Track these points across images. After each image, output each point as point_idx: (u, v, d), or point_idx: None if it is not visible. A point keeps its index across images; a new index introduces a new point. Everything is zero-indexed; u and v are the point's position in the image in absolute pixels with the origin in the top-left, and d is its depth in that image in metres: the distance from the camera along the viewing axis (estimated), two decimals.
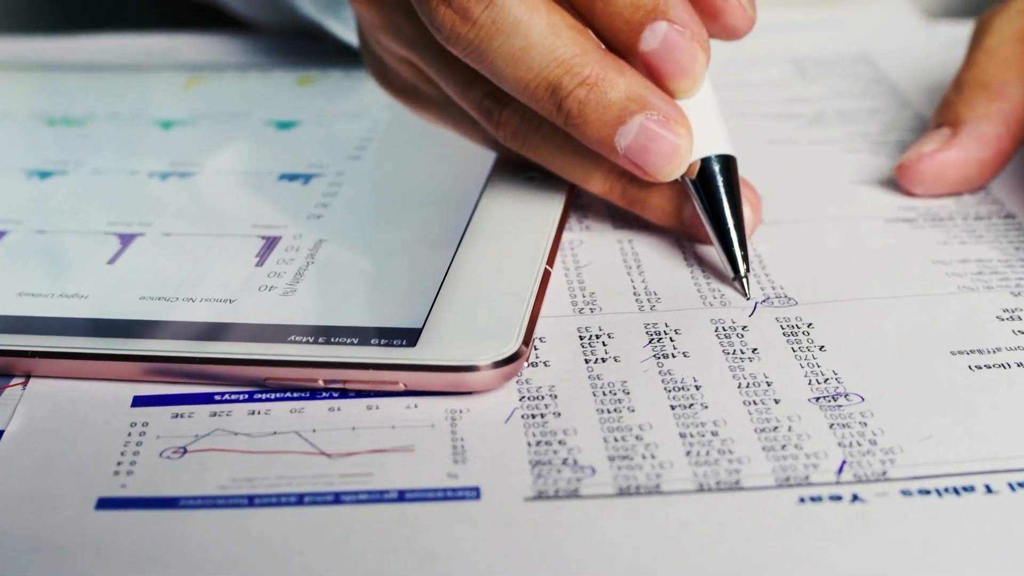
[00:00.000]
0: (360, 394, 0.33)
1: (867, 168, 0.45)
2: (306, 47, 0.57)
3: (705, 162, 0.37)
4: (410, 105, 0.44)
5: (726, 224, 0.37)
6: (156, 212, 0.41)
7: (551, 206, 0.40)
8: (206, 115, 0.50)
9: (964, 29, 0.49)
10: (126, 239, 0.40)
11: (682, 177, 0.37)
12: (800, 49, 0.57)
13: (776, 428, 0.32)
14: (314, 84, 0.53)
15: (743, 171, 0.45)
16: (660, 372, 0.34)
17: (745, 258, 0.37)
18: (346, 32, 0.54)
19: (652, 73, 0.36)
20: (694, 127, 0.36)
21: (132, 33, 0.61)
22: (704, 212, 0.38)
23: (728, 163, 0.38)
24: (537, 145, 0.39)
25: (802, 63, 0.55)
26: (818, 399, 0.33)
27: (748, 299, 0.37)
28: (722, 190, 0.37)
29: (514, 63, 0.35)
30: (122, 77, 0.55)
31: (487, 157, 0.43)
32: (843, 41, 0.57)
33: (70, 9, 0.76)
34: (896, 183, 0.43)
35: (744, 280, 0.37)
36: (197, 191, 0.43)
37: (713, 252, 0.39)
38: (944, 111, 0.43)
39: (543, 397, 0.33)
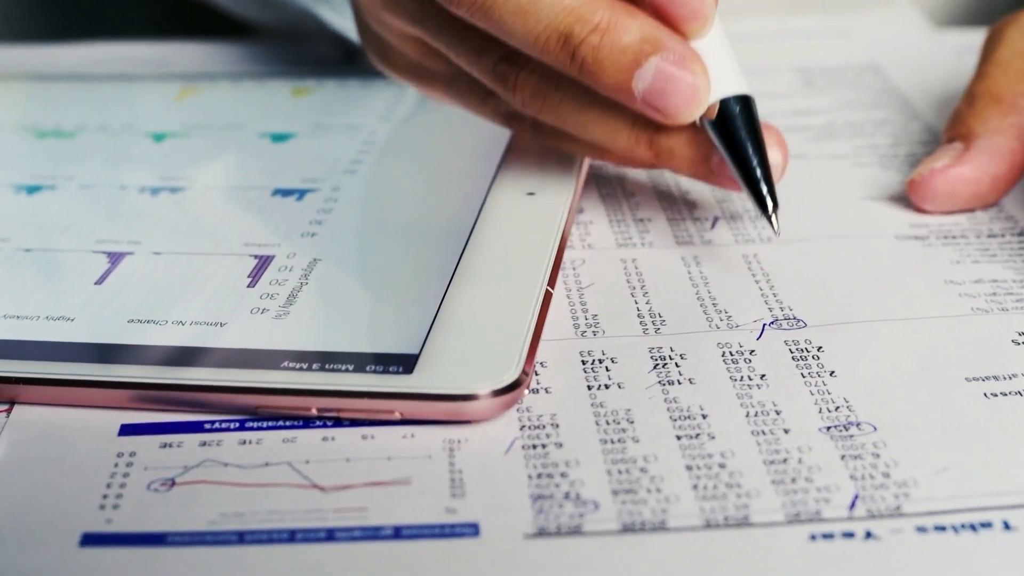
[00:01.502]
0: (355, 423, 0.32)
1: (876, 183, 0.44)
2: (301, 56, 0.56)
3: (723, 103, 0.37)
4: (416, 84, 0.44)
5: (750, 163, 0.37)
6: (146, 229, 0.40)
7: (552, 223, 0.39)
8: (199, 127, 0.49)
9: (973, 37, 0.48)
10: (115, 258, 0.39)
11: (701, 120, 0.37)
12: (807, 58, 0.56)
13: (786, 460, 0.30)
14: (309, 94, 0.52)
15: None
16: (665, 400, 0.33)
17: (772, 193, 0.37)
18: (339, 19, 0.52)
19: (662, 16, 0.36)
20: (709, 69, 0.36)
21: (124, 41, 0.60)
22: (727, 153, 0.37)
23: (747, 103, 0.37)
24: (557, 105, 0.38)
25: (809, 72, 0.54)
26: (829, 428, 0.31)
27: (778, 235, 0.38)
28: (743, 130, 0.37)
29: (523, 16, 0.35)
30: (114, 87, 0.54)
31: (487, 172, 0.42)
32: (850, 50, 0.56)
33: (60, 16, 0.75)
34: (906, 199, 0.42)
35: (773, 216, 0.37)
36: (188, 207, 0.42)
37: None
38: (956, 125, 0.42)
39: (544, 426, 0.32)
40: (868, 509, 0.29)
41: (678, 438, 0.31)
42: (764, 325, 0.36)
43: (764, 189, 0.37)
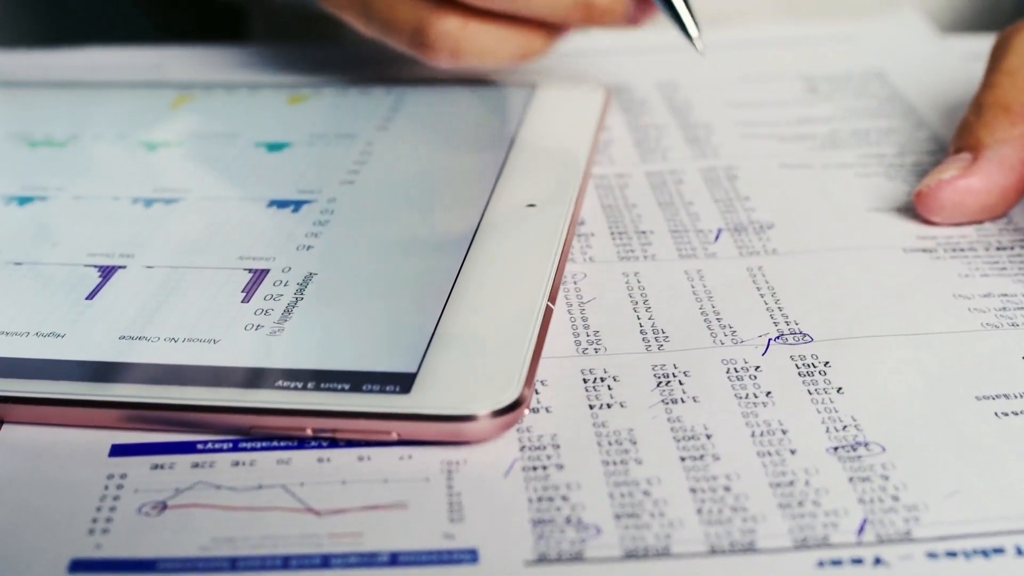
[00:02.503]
0: (351, 443, 0.31)
1: (883, 194, 0.43)
2: (298, 63, 0.56)
3: None
4: (338, 10, 0.47)
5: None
6: (139, 242, 0.40)
7: (552, 236, 0.38)
8: (194, 136, 0.48)
9: (980, 44, 0.47)
10: (106, 272, 0.38)
11: None
12: (811, 65, 0.55)
13: (792, 482, 0.30)
14: (306, 102, 0.51)
15: (757, 194, 0.43)
16: (669, 419, 0.32)
17: (694, 17, 0.45)
18: None
19: None
20: None
21: (118, 47, 0.59)
22: None
23: None
24: None
25: (814, 80, 0.53)
26: (836, 449, 0.31)
27: (703, 55, 0.46)
28: None
29: None
30: (107, 94, 0.53)
31: (486, 183, 0.41)
32: (855, 57, 0.55)
33: (52, 22, 0.74)
34: (913, 210, 0.41)
35: (698, 41, 0.45)
36: (182, 219, 0.41)
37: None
38: (963, 135, 0.41)
39: (545, 447, 0.31)
40: (877, 534, 0.28)
41: (682, 459, 0.31)
42: (770, 340, 0.35)
43: (684, 16, 0.44)
